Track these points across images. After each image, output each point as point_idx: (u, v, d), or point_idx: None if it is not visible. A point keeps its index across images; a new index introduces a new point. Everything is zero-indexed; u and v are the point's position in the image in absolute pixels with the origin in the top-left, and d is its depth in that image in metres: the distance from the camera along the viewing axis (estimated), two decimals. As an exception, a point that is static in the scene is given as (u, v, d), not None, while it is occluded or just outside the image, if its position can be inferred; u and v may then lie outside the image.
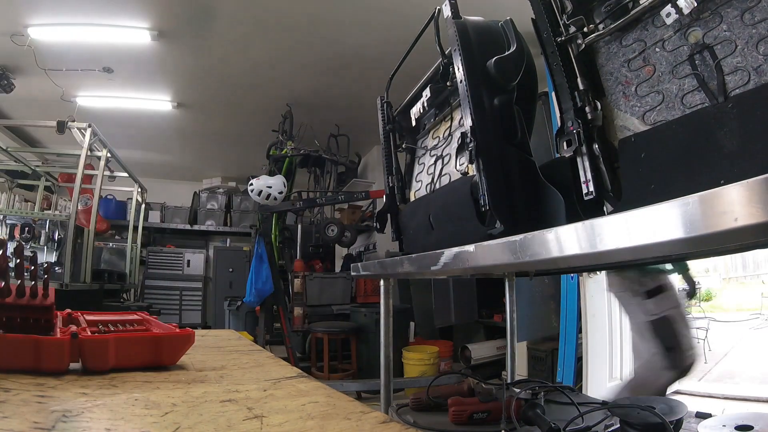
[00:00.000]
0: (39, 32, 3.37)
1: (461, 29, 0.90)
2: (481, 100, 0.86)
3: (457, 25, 0.91)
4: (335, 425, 0.37)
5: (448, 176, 1.07)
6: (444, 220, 1.05)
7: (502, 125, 0.86)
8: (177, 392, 0.45)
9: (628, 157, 0.68)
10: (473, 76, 0.87)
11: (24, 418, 0.35)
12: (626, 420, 0.96)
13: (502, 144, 0.86)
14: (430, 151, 1.21)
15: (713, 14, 0.58)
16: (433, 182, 1.14)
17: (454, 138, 1.08)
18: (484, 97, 0.87)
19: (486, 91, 0.87)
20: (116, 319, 0.67)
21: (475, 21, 0.94)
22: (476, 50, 0.89)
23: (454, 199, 0.98)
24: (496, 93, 0.87)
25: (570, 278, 2.80)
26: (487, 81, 0.87)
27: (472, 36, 0.91)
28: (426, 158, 1.24)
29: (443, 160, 1.12)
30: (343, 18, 3.33)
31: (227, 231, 7.03)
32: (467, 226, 0.91)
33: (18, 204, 5.08)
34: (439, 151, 1.15)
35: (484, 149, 0.84)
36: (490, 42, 0.91)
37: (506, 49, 0.88)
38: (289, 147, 4.40)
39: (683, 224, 0.42)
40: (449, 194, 1.02)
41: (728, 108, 0.56)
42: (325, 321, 4.28)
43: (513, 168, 0.85)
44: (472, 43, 0.90)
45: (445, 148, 1.12)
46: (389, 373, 1.34)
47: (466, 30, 0.91)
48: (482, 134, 0.85)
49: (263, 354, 0.70)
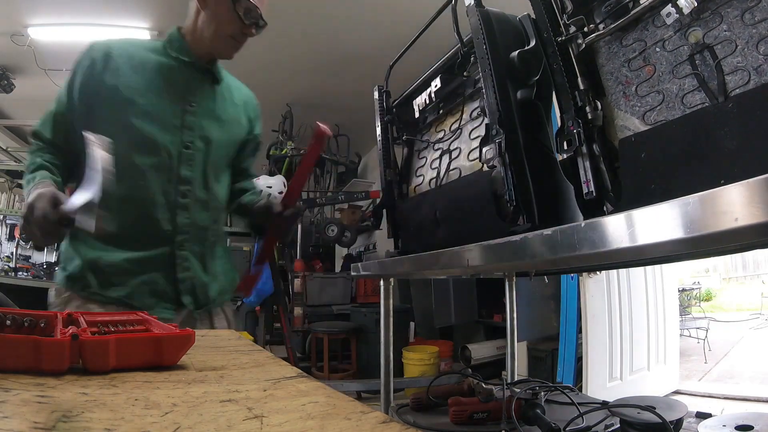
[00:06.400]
0: (39, 32, 3.37)
1: (485, 18, 0.88)
2: (507, 92, 0.84)
3: (481, 13, 0.89)
4: (335, 425, 0.37)
5: (458, 171, 1.05)
6: (455, 216, 1.03)
7: (526, 120, 0.85)
8: (177, 392, 0.45)
9: (628, 156, 0.68)
10: (499, 66, 0.85)
11: (24, 418, 0.35)
12: (626, 420, 0.96)
13: (528, 138, 0.84)
14: (433, 144, 1.19)
15: (713, 14, 0.58)
16: (440, 177, 1.12)
17: (465, 131, 1.06)
18: (509, 89, 0.85)
19: (509, 84, 0.85)
20: (116, 320, 0.67)
21: (497, 12, 0.92)
22: (500, 41, 0.87)
23: (468, 195, 0.96)
24: (519, 87, 0.85)
25: (570, 278, 2.80)
26: (510, 74, 0.85)
27: (495, 27, 0.89)
28: (429, 152, 1.21)
29: (451, 155, 1.09)
30: (344, 18, 3.33)
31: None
32: (484, 222, 0.89)
33: (18, 204, 5.08)
34: (446, 144, 1.12)
35: (512, 142, 0.82)
36: (511, 35, 0.89)
37: (525, 43, 0.86)
38: (289, 147, 4.40)
39: (683, 224, 0.42)
40: (464, 189, 1.00)
41: (728, 108, 0.56)
42: (325, 321, 4.28)
43: (537, 163, 0.83)
44: (496, 34, 0.88)
45: (453, 141, 1.10)
46: (389, 373, 1.34)
47: (490, 20, 0.89)
48: (510, 127, 0.83)
49: (263, 354, 0.70)
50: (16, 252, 5.22)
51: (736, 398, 3.08)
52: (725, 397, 3.10)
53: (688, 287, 6.70)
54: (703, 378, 3.80)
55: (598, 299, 2.75)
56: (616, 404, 1.06)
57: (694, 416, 1.13)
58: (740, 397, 3.08)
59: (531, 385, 1.26)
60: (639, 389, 2.75)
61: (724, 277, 9.18)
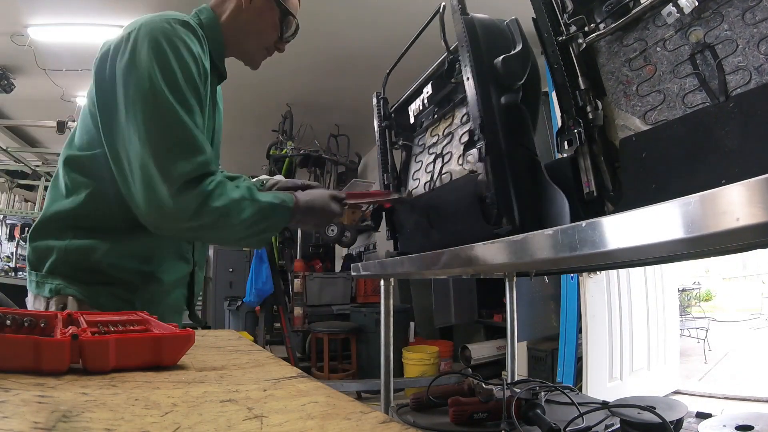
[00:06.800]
0: (39, 32, 3.37)
1: (469, 25, 0.90)
2: (489, 97, 0.86)
3: (465, 21, 0.90)
4: (335, 425, 0.37)
5: (449, 174, 1.07)
6: (445, 219, 1.05)
7: (510, 124, 0.86)
8: (177, 392, 0.45)
9: (629, 156, 0.68)
10: (481, 73, 0.87)
11: (24, 418, 0.34)
12: (626, 420, 0.96)
13: (510, 143, 0.85)
14: (428, 149, 1.20)
15: (714, 14, 0.58)
16: (433, 180, 1.14)
17: (455, 136, 1.07)
18: (492, 95, 0.86)
19: (493, 89, 0.87)
20: (116, 320, 0.66)
21: (482, 18, 0.93)
22: (484, 48, 0.89)
23: (457, 198, 0.98)
24: (503, 92, 0.87)
25: (570, 278, 2.80)
26: (494, 79, 0.86)
27: (479, 33, 0.90)
28: (424, 156, 1.23)
29: (443, 159, 1.11)
30: (344, 18, 3.33)
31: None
32: (471, 225, 0.90)
33: (18, 204, 5.08)
34: (439, 149, 1.14)
35: (493, 147, 0.84)
36: (496, 40, 0.90)
37: (512, 48, 0.88)
38: (289, 147, 4.40)
39: (684, 224, 0.42)
40: (452, 193, 1.02)
41: (729, 107, 0.56)
42: (325, 321, 4.29)
43: (520, 167, 0.85)
44: (480, 41, 0.89)
45: (446, 146, 1.11)
46: (389, 373, 1.34)
47: (474, 27, 0.90)
48: (491, 132, 0.84)
49: (263, 354, 0.70)
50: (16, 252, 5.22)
51: (736, 398, 3.08)
52: (725, 397, 3.10)
53: (688, 287, 6.70)
54: (703, 378, 3.80)
55: (598, 299, 2.75)
56: (616, 404, 1.06)
57: (694, 416, 1.13)
58: (740, 397, 3.08)
59: (531, 385, 1.26)
60: (639, 389, 2.75)
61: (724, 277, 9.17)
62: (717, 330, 5.51)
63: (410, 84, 1.26)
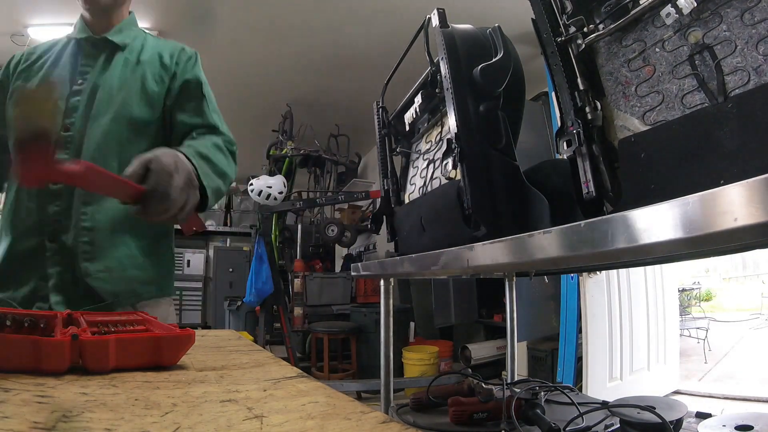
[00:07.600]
0: (39, 32, 3.37)
1: (448, 38, 0.93)
2: (466, 107, 0.89)
3: (444, 34, 0.94)
4: (335, 425, 0.37)
5: (438, 180, 1.10)
6: (434, 223, 1.07)
7: (487, 131, 0.89)
8: (177, 392, 0.45)
9: (628, 157, 0.68)
10: (459, 84, 0.90)
11: (24, 418, 0.35)
12: (626, 420, 0.96)
13: (486, 149, 0.89)
14: (423, 155, 1.23)
15: (713, 14, 0.59)
16: (425, 185, 1.16)
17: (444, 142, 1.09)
18: (469, 104, 0.89)
19: (472, 98, 0.90)
20: (116, 320, 0.67)
21: (463, 29, 0.97)
22: (463, 59, 0.92)
23: (442, 203, 1.00)
24: (482, 100, 0.90)
25: (570, 278, 2.80)
26: (473, 88, 0.89)
27: (459, 45, 0.93)
28: (419, 162, 1.26)
29: (434, 164, 1.14)
30: (344, 18, 3.33)
31: (227, 231, 7.03)
32: (455, 229, 0.93)
33: (18, 204, 5.06)
34: (431, 155, 1.17)
35: (468, 155, 0.87)
36: (476, 50, 0.93)
37: (494, 55, 0.90)
38: (289, 147, 4.40)
39: (683, 224, 0.42)
40: (438, 198, 1.05)
41: (728, 108, 0.56)
42: (325, 321, 4.29)
43: (496, 172, 0.88)
44: (459, 52, 0.93)
45: (437, 152, 1.14)
46: (389, 373, 1.35)
47: (453, 39, 0.94)
48: (466, 140, 0.87)
49: (263, 354, 0.70)
50: None
51: (736, 398, 3.08)
52: (725, 397, 3.10)
53: (688, 287, 6.70)
54: (703, 378, 3.80)
55: (598, 299, 2.75)
56: (616, 404, 1.06)
57: (694, 416, 1.13)
58: (740, 397, 3.08)
59: (531, 385, 1.26)
60: (639, 389, 2.75)
61: (724, 277, 9.17)
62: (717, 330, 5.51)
63: (411, 86, 1.28)
